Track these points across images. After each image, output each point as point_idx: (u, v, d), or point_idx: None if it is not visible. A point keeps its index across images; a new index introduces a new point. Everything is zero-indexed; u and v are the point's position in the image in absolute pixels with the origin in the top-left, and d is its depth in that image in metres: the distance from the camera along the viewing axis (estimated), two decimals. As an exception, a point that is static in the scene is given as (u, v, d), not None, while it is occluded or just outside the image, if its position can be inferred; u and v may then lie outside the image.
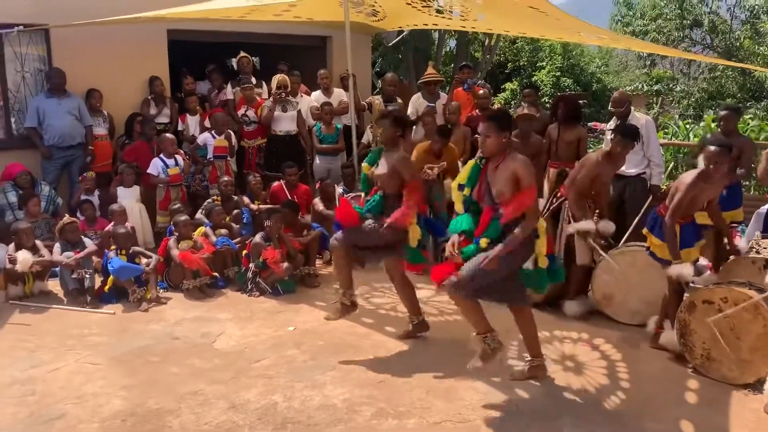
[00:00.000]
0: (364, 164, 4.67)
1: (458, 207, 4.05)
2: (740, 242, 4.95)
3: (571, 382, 4.16)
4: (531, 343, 4.13)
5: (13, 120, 7.24)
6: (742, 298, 4.06)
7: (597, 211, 5.32)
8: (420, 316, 4.81)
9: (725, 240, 4.98)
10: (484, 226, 3.82)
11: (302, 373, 4.20)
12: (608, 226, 5.27)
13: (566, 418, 3.69)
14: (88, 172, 6.83)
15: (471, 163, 3.97)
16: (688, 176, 4.40)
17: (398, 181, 4.42)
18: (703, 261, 4.93)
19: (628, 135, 4.97)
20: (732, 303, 4.09)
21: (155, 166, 6.80)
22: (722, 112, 5.92)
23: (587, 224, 5.07)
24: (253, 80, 8.02)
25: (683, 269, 4.27)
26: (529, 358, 4.15)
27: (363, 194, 4.74)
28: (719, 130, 5.99)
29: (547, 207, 5.39)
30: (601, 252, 5.09)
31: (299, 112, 7.57)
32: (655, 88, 17.62)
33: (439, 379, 4.14)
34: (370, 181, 4.63)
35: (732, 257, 4.97)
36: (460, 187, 3.99)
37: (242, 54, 8.12)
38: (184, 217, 6.03)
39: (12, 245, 5.58)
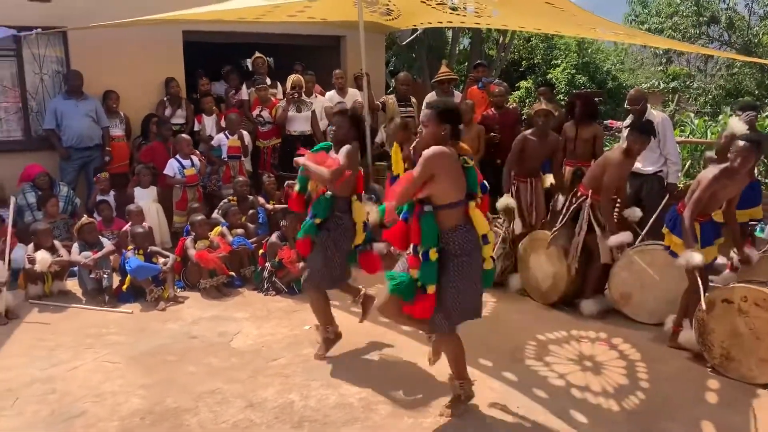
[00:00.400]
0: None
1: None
2: (751, 251, 4.84)
3: (589, 381, 4.14)
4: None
5: (31, 121, 7.32)
6: (762, 297, 4.02)
7: (619, 202, 5.33)
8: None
9: (736, 248, 4.91)
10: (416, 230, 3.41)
11: (318, 371, 4.21)
12: (635, 212, 5.27)
13: (584, 417, 3.67)
14: (102, 173, 6.89)
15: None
16: (710, 171, 4.36)
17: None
18: (722, 260, 4.90)
19: (645, 131, 4.95)
20: (752, 302, 4.05)
21: (171, 167, 6.85)
22: (739, 112, 5.87)
23: (626, 236, 5.05)
24: (268, 81, 8.05)
25: (692, 257, 4.22)
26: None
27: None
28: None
29: (565, 206, 5.35)
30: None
31: (314, 112, 7.59)
32: (672, 85, 17.45)
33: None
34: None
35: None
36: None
37: (257, 54, 8.15)
38: (200, 217, 6.07)
39: (31, 245, 5.65)
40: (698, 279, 4.29)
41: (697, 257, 4.23)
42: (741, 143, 4.21)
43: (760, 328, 4.03)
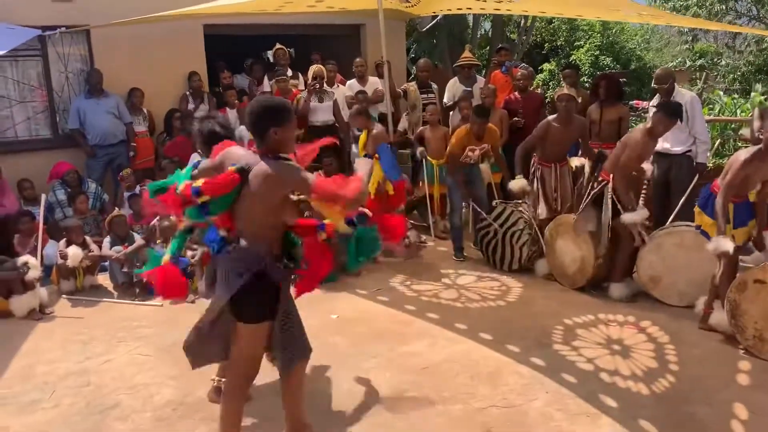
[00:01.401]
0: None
1: None
2: None
3: (618, 365, 4.10)
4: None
5: (58, 120, 7.44)
6: None
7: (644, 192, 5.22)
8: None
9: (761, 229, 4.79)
10: None
11: (346, 360, 4.24)
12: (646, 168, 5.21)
13: (613, 401, 3.65)
14: (124, 170, 6.97)
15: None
16: (743, 153, 4.26)
17: None
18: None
19: (672, 113, 4.84)
20: None
21: (194, 161, 6.89)
22: None
23: (641, 214, 4.96)
24: (289, 72, 8.06)
25: (722, 243, 4.16)
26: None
27: None
28: (768, 105, 5.81)
29: (588, 190, 5.29)
30: (645, 236, 4.99)
31: (336, 101, 7.58)
32: (699, 63, 17.05)
33: (483, 364, 4.13)
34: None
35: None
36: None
37: (278, 46, 8.16)
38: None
39: (63, 241, 5.76)
40: (730, 263, 4.23)
41: (726, 244, 4.15)
42: None
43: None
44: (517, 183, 5.81)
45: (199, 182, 2.84)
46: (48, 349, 4.61)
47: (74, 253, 5.56)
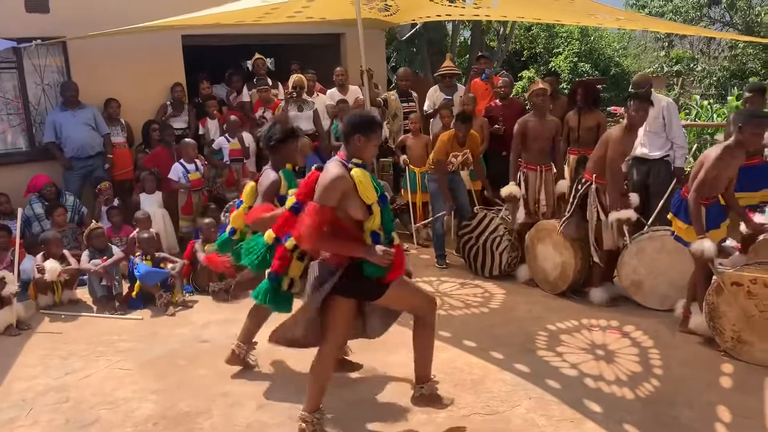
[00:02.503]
0: None
1: None
2: (759, 217, 4.79)
3: (602, 370, 4.12)
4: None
5: (35, 132, 7.34)
6: None
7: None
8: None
9: (743, 222, 4.86)
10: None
11: (330, 370, 4.21)
12: (634, 199, 5.24)
13: (598, 406, 3.66)
14: (102, 183, 6.88)
15: None
16: (713, 151, 4.32)
17: None
18: (731, 242, 4.84)
19: (642, 99, 4.87)
20: (761, 284, 4.02)
21: (176, 172, 6.85)
22: (747, 93, 5.83)
23: (629, 212, 5.00)
24: (269, 81, 8.04)
25: (705, 246, 4.20)
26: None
27: None
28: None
29: (571, 194, 5.32)
30: (628, 239, 5.03)
31: (316, 111, 7.57)
32: (675, 68, 17.33)
33: (467, 371, 4.13)
34: None
35: (761, 236, 4.86)
36: None
37: (257, 56, 8.15)
38: (209, 220, 6.07)
39: (40, 255, 5.67)
40: (710, 266, 4.28)
41: (710, 247, 4.19)
42: (746, 118, 4.17)
43: (771, 310, 4.00)
44: (508, 188, 5.84)
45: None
46: (26, 365, 4.52)
47: (51, 266, 5.47)
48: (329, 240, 3.11)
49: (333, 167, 3.12)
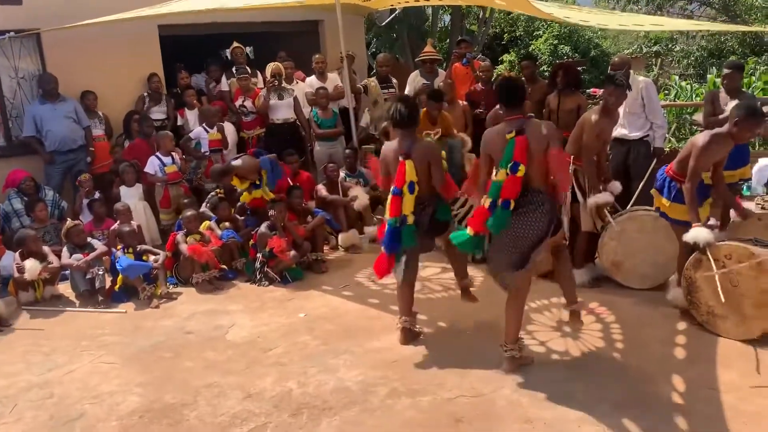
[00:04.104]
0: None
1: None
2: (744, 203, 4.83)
3: (583, 349, 4.17)
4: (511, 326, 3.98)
5: (11, 126, 7.23)
6: (745, 254, 4.06)
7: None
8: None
9: (732, 207, 4.90)
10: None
11: (315, 358, 4.22)
12: (615, 186, 5.24)
13: (579, 384, 3.70)
14: (82, 175, 6.81)
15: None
16: (701, 138, 4.32)
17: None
18: (712, 220, 4.89)
19: (618, 83, 4.88)
20: (735, 260, 4.09)
21: (152, 165, 6.78)
22: (726, 70, 5.87)
23: (606, 197, 5.03)
24: (248, 70, 7.98)
25: (700, 233, 4.19)
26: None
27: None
28: (723, 88, 5.94)
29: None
30: (611, 220, 5.06)
31: (296, 98, 7.53)
32: (654, 49, 17.42)
33: (451, 355, 4.15)
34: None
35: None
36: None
37: (235, 44, 8.07)
38: (191, 212, 6.02)
39: (17, 254, 5.59)
40: (707, 253, 4.31)
41: (703, 234, 4.20)
42: (744, 115, 4.14)
43: (743, 284, 4.08)
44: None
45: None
46: (8, 362, 4.48)
47: (31, 266, 5.40)
48: None
49: None
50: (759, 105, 4.45)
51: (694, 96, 11.50)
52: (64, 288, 5.78)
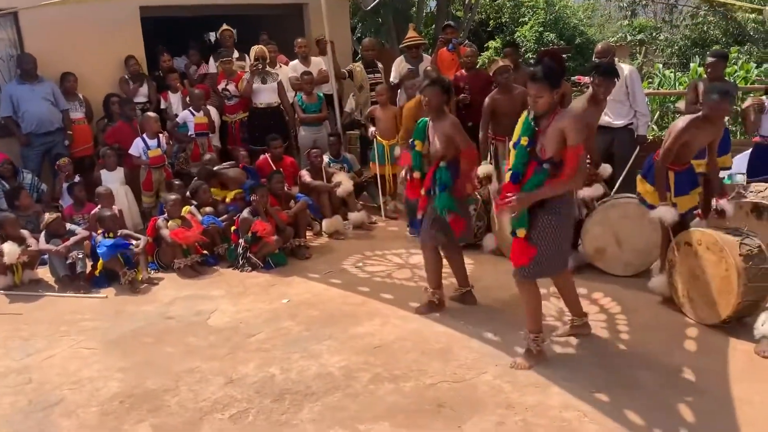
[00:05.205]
0: (416, 141, 4.50)
1: (512, 162, 3.81)
2: (726, 204, 4.75)
3: (568, 335, 4.18)
4: (574, 303, 4.14)
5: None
6: (712, 240, 4.12)
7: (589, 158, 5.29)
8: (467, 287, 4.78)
9: (714, 199, 4.91)
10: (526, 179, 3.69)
11: (298, 344, 4.21)
12: (606, 169, 5.25)
13: (561, 370, 3.72)
14: (61, 159, 6.69)
15: (523, 117, 3.79)
16: (680, 121, 4.39)
17: (454, 148, 4.34)
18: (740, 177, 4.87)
19: (607, 73, 4.88)
20: (704, 246, 4.16)
21: (137, 147, 6.70)
22: (710, 59, 5.89)
23: (596, 190, 5.05)
24: (236, 53, 7.90)
25: (665, 212, 4.30)
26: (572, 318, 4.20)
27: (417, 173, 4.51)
28: (706, 77, 5.96)
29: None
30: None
31: (280, 83, 7.46)
32: (638, 37, 17.44)
33: (434, 340, 4.16)
34: (428, 158, 4.50)
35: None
36: (514, 145, 3.79)
37: (224, 27, 7.98)
38: (174, 196, 5.95)
39: (-5, 237, 5.50)
40: (667, 231, 4.37)
41: (669, 212, 4.27)
42: (714, 96, 4.21)
43: (709, 271, 4.14)
44: (483, 168, 5.82)
45: None
46: (-15, 347, 4.43)
47: (10, 250, 5.32)
48: None
49: None
50: (731, 88, 4.52)
51: (677, 85, 11.54)
52: (43, 273, 5.70)
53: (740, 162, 6.27)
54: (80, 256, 5.48)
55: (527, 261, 3.67)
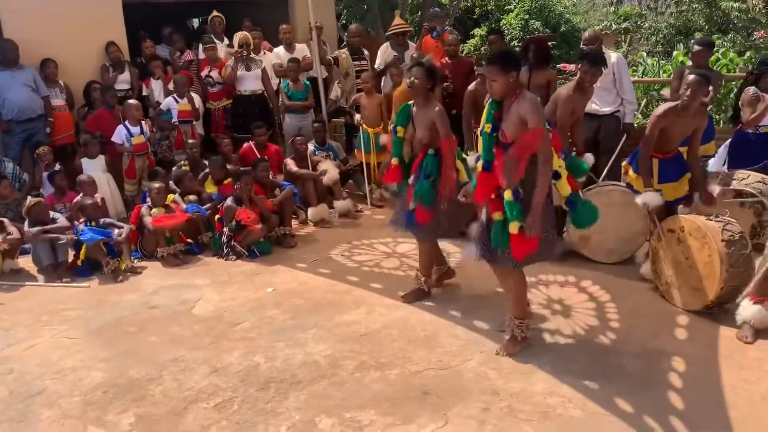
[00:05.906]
0: (398, 127, 4.40)
1: (480, 151, 3.76)
2: (712, 188, 4.76)
3: (550, 322, 4.20)
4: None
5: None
6: (695, 227, 4.15)
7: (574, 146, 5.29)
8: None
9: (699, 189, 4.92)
10: (499, 169, 3.61)
11: (283, 332, 4.19)
12: (588, 158, 5.25)
13: (546, 357, 3.74)
14: (40, 148, 6.59)
15: (487, 105, 3.74)
16: (659, 109, 4.40)
17: (437, 136, 4.26)
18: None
19: (595, 61, 4.88)
20: (687, 232, 4.20)
21: (119, 134, 6.62)
22: (696, 47, 5.90)
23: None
24: (226, 40, 7.81)
25: (651, 197, 4.33)
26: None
27: (396, 160, 4.44)
28: (691, 64, 5.97)
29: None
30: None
31: (264, 69, 7.38)
32: (624, 25, 17.47)
33: (420, 328, 4.16)
34: (410, 145, 4.43)
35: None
36: (481, 132, 3.75)
37: (215, 13, 7.89)
38: (158, 184, 5.89)
39: (-24, 225, 5.42)
40: (651, 216, 4.39)
41: (654, 198, 4.29)
42: (691, 77, 4.25)
43: (693, 257, 4.17)
44: (471, 159, 5.81)
45: None
46: (-34, 338, 4.36)
47: (-11, 237, 5.25)
48: None
49: None
50: (709, 75, 4.56)
51: (661, 73, 11.57)
52: (25, 262, 5.62)
53: (725, 151, 6.29)
54: (63, 240, 5.39)
55: (530, 251, 3.59)
